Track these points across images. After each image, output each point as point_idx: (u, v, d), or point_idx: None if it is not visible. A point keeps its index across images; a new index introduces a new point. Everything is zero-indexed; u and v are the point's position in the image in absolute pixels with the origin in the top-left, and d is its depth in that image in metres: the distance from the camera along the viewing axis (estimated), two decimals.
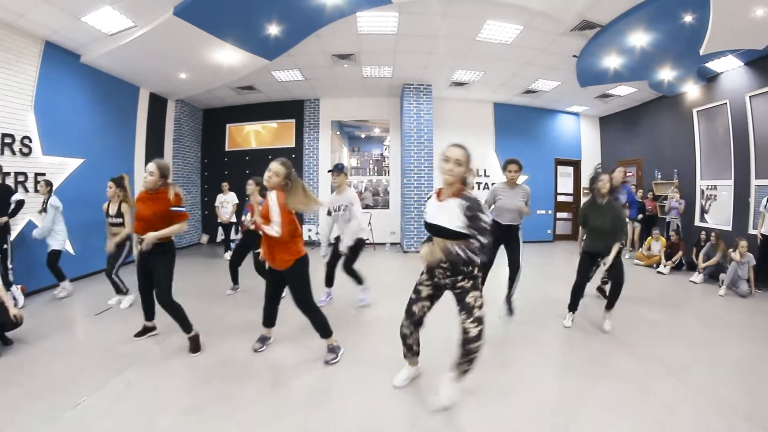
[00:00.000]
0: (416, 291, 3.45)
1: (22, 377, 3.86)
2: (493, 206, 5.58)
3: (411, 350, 3.65)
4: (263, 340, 4.58)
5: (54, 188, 6.79)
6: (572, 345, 4.81)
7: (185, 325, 4.50)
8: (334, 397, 3.58)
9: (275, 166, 3.96)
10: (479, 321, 3.13)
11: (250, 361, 4.29)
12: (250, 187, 6.20)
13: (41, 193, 6.72)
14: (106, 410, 3.30)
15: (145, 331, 4.88)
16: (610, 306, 5.23)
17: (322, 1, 6.60)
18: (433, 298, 3.43)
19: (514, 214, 5.46)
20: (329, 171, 6.06)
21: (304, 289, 4.17)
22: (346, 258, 5.89)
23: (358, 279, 6.09)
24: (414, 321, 3.47)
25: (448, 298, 3.35)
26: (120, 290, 6.15)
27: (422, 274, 3.42)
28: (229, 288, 6.93)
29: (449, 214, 3.08)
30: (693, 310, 6.33)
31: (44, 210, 6.65)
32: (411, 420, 3.23)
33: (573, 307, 5.36)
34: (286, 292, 4.34)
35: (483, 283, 4.07)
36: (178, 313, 4.47)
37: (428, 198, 3.36)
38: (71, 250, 7.53)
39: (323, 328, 4.28)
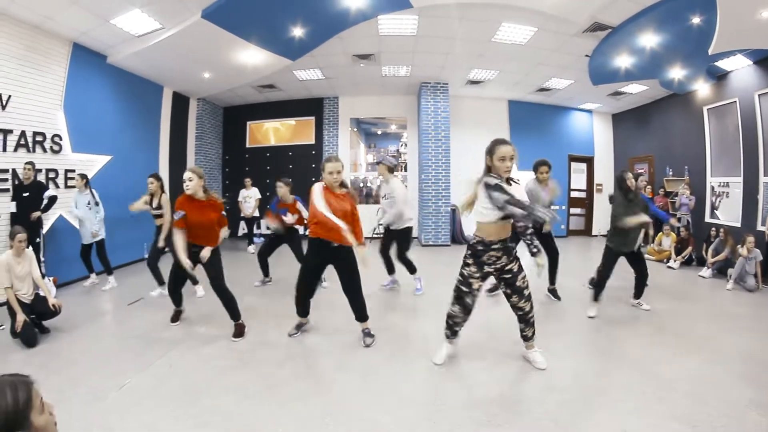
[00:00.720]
0: (467, 284, 3.71)
1: (62, 363, 4.00)
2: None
3: (456, 334, 3.98)
4: (299, 326, 4.86)
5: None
6: (586, 333, 5.04)
7: (235, 312, 4.86)
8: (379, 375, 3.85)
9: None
10: (529, 297, 3.77)
11: (286, 344, 4.54)
12: (282, 189, 6.60)
13: (77, 187, 6.97)
14: (150, 390, 3.46)
15: (177, 315, 5.28)
16: (639, 294, 5.84)
17: (346, 5, 6.83)
18: (481, 288, 3.78)
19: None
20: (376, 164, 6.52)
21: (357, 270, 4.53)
22: (400, 247, 6.41)
23: (411, 268, 6.54)
24: (468, 312, 3.81)
25: None
26: (162, 281, 6.41)
27: (469, 266, 3.69)
28: (258, 280, 7.17)
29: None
30: (702, 303, 6.49)
31: (96, 203, 6.96)
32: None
33: (597, 297, 5.57)
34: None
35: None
36: (230, 300, 4.84)
37: (498, 186, 3.40)
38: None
39: (361, 311, 4.61)
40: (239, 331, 4.79)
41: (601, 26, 7.39)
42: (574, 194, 13.78)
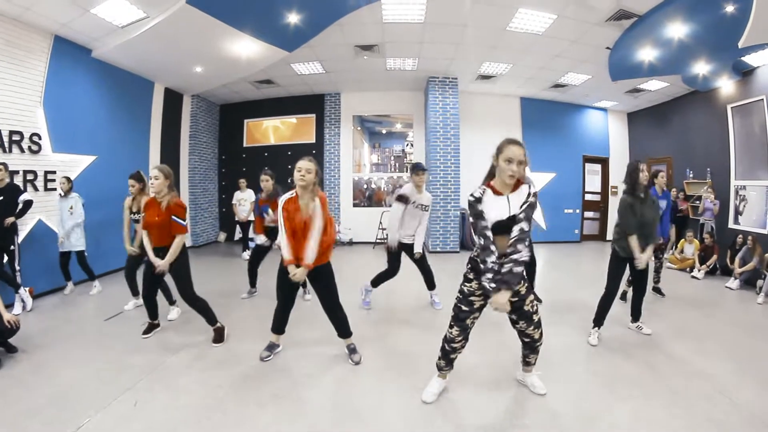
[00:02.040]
0: (468, 302, 3.24)
1: (22, 391, 3.67)
2: None
3: (451, 364, 3.54)
4: (271, 347, 4.45)
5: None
6: (606, 357, 4.49)
7: (210, 318, 4.76)
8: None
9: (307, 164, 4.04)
10: (539, 323, 3.35)
11: (271, 376, 4.01)
12: (268, 183, 6.36)
13: (62, 190, 6.68)
14: None
15: (151, 328, 5.03)
16: (637, 317, 5.16)
17: None
18: (482, 308, 3.28)
19: None
20: (413, 170, 5.78)
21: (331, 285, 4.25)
22: (422, 259, 5.98)
23: (431, 282, 6.19)
24: (467, 334, 3.38)
25: None
26: (136, 292, 6.04)
27: (470, 281, 3.22)
28: (246, 291, 6.76)
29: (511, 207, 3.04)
30: (733, 318, 5.94)
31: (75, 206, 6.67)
32: None
33: (599, 321, 4.87)
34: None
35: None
36: (202, 308, 4.74)
37: (476, 200, 3.06)
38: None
39: (342, 327, 4.34)
40: (218, 336, 4.74)
41: (626, 14, 6.97)
42: (588, 197, 13.39)
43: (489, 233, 2.97)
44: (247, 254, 10.05)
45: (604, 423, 3.16)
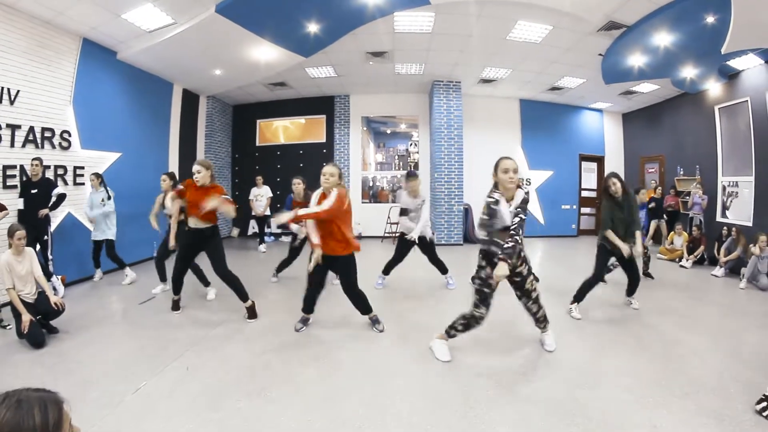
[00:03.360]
0: (488, 285, 3.81)
1: (71, 365, 3.86)
2: None
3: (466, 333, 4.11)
4: (305, 321, 4.99)
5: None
6: (602, 328, 5.09)
7: (242, 294, 5.18)
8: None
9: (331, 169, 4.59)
10: (537, 299, 4.15)
11: (306, 343, 4.53)
12: (299, 186, 7.00)
13: (93, 186, 7.02)
14: (167, 394, 3.34)
15: (176, 304, 5.52)
16: (632, 293, 5.89)
17: (364, 0, 6.82)
18: (496, 287, 3.86)
19: None
20: (406, 177, 6.72)
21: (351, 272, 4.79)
22: (431, 252, 6.73)
23: (443, 268, 6.82)
24: (489, 310, 3.92)
25: None
26: (164, 278, 6.48)
27: (484, 268, 3.82)
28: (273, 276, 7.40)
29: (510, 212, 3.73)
30: (715, 301, 6.49)
31: (107, 199, 7.01)
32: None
33: (580, 298, 5.60)
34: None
35: None
36: (235, 283, 5.16)
37: (495, 202, 3.72)
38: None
39: (363, 306, 4.90)
40: (251, 313, 5.18)
41: (615, 25, 7.40)
42: (584, 194, 13.78)
43: (495, 230, 3.70)
44: (263, 247, 10.54)
45: (594, 373, 3.79)
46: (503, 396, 3.41)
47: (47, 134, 6.73)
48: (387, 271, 6.85)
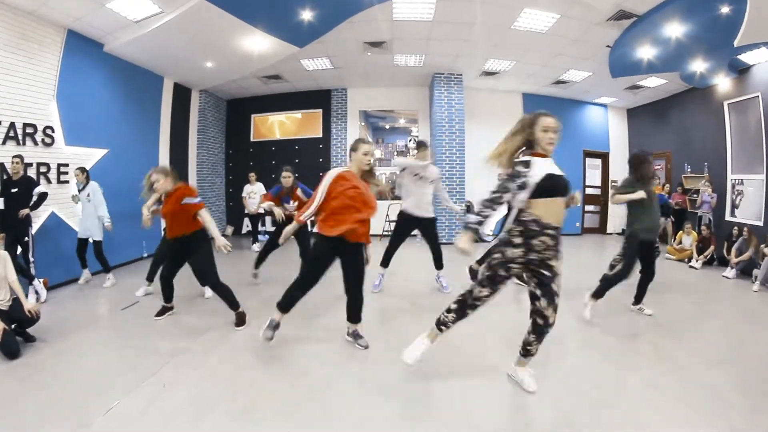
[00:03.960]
0: (507, 267, 3.16)
1: (47, 378, 3.64)
2: None
3: (462, 319, 3.42)
4: (275, 326, 4.25)
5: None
6: (614, 337, 4.76)
7: (232, 302, 4.89)
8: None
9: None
10: (556, 308, 3.22)
11: (293, 356, 4.14)
12: (289, 179, 6.43)
13: (78, 182, 6.74)
14: (140, 414, 3.09)
15: (164, 311, 5.23)
16: (640, 299, 5.41)
17: None
18: (512, 277, 3.24)
19: None
20: (418, 146, 6.34)
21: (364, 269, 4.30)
22: (433, 237, 6.33)
23: (440, 261, 6.37)
24: (493, 298, 3.29)
25: None
26: (151, 279, 6.24)
27: (517, 246, 3.12)
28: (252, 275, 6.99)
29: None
30: (730, 305, 6.26)
31: (77, 198, 6.73)
32: None
33: (600, 294, 5.13)
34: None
35: None
36: (226, 293, 4.87)
37: (526, 164, 3.15)
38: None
39: (358, 311, 4.37)
40: (240, 320, 4.88)
41: (625, 14, 7.15)
42: (589, 191, 13.57)
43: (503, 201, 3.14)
44: (257, 246, 10.22)
45: (614, 389, 3.49)
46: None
47: (29, 130, 6.47)
48: (386, 262, 6.35)
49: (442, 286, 6.41)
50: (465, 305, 3.32)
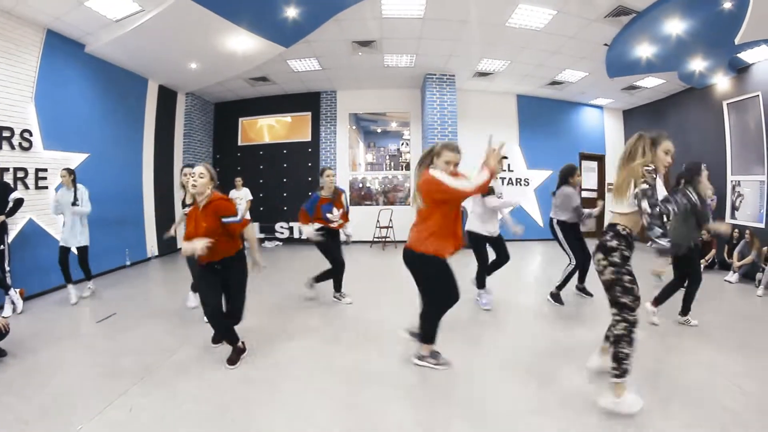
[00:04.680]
0: (629, 272, 3.09)
1: (11, 398, 3.46)
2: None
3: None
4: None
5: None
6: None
7: (232, 336, 4.11)
8: None
9: None
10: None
11: (276, 380, 3.79)
12: (331, 178, 5.90)
13: (64, 183, 6.33)
14: None
15: (238, 355, 4.14)
16: (688, 308, 5.20)
17: None
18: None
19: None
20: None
21: None
22: (502, 247, 6.00)
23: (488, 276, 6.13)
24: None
25: None
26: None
27: (627, 259, 3.09)
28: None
29: None
30: (735, 312, 5.95)
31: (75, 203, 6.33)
32: None
33: (660, 302, 5.14)
34: None
35: None
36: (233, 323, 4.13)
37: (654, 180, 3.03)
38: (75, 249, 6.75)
39: None
40: (235, 356, 4.06)
41: (624, 10, 6.97)
42: (584, 194, 13.22)
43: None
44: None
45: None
46: None
47: (5, 134, 6.30)
48: (482, 282, 5.91)
49: (482, 302, 5.89)
50: (632, 336, 3.08)
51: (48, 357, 4.26)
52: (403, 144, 12.67)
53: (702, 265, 8.15)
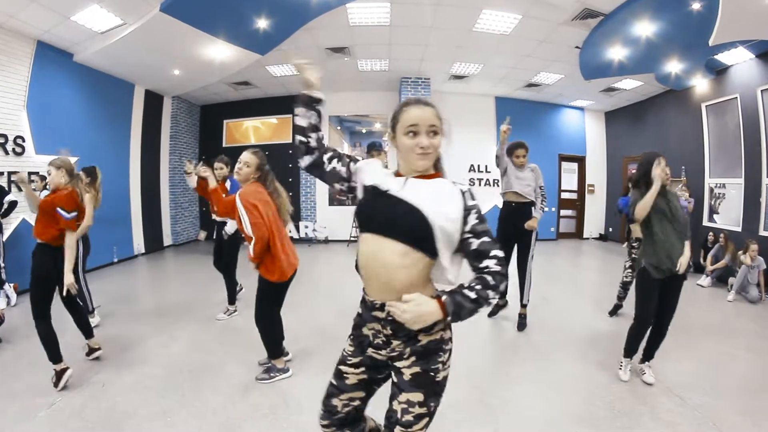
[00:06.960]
0: (337, 373, 1.93)
1: (5, 376, 3.90)
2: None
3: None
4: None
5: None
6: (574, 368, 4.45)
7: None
8: None
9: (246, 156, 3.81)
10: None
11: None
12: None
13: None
14: (77, 411, 3.31)
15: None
16: (652, 354, 3.99)
17: None
18: (370, 384, 1.92)
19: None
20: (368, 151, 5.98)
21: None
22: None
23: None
24: (339, 420, 1.93)
25: None
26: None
27: (350, 336, 1.96)
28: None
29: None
30: (701, 317, 5.87)
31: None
32: None
33: (631, 351, 3.96)
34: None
35: None
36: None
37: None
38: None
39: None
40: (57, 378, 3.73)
41: (591, 13, 6.91)
42: (564, 195, 13.40)
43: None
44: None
45: None
46: None
47: (0, 140, 6.66)
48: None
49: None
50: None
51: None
52: (387, 144, 12.64)
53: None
